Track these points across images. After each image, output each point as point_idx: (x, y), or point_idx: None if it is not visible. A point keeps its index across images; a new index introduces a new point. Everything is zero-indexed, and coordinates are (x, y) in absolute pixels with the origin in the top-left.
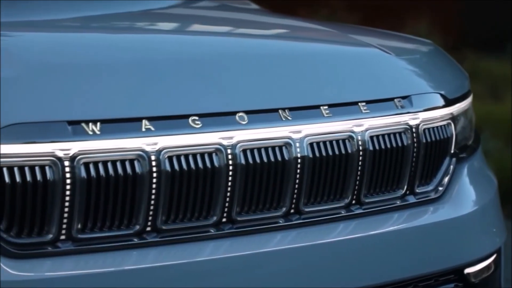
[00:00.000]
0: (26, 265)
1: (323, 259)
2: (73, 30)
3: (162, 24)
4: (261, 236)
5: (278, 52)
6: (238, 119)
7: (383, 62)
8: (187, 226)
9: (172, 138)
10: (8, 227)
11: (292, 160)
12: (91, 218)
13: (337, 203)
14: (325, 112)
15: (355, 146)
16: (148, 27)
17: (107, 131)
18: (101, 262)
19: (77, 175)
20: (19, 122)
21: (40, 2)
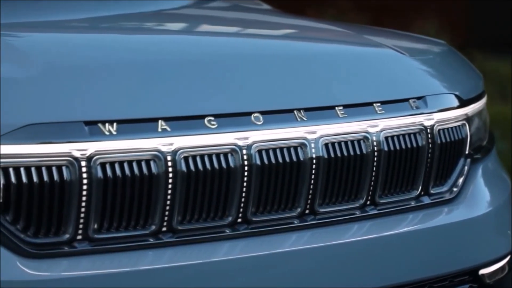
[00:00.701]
0: (43, 265)
1: (338, 260)
2: (87, 30)
3: (176, 24)
4: (276, 236)
5: (293, 53)
6: (253, 120)
7: (397, 63)
8: (203, 226)
9: (188, 139)
10: (25, 227)
11: (307, 161)
12: (108, 218)
13: (352, 203)
14: (340, 112)
15: (370, 147)
16: (162, 27)
17: (123, 131)
18: (117, 262)
19: (94, 175)
20: (36, 122)
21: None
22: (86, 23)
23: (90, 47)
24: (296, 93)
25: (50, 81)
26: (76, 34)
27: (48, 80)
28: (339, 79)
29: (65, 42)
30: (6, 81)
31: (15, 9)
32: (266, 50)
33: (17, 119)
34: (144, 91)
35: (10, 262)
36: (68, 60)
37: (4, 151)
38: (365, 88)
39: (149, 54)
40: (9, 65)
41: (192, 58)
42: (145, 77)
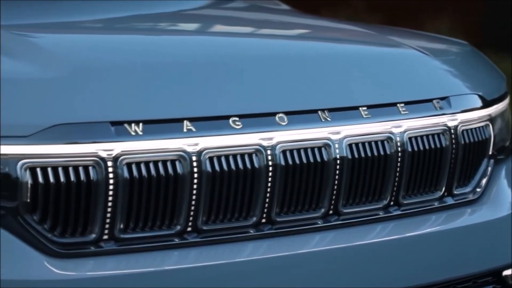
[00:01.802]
0: (70, 265)
1: (361, 260)
2: (111, 31)
3: (197, 25)
4: (300, 237)
5: (317, 54)
6: (278, 120)
7: (421, 63)
8: (227, 226)
9: (213, 139)
10: (52, 226)
11: (331, 161)
12: (133, 218)
13: (375, 204)
14: (364, 113)
15: (393, 147)
16: (184, 28)
17: (149, 131)
18: (142, 262)
19: (120, 175)
20: (63, 123)
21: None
22: (107, 24)
23: (115, 48)
24: (320, 94)
25: (76, 82)
26: (100, 35)
27: (75, 80)
28: (363, 79)
29: (90, 43)
30: (33, 82)
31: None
32: (290, 51)
33: (45, 119)
34: (169, 92)
35: (38, 261)
36: (94, 61)
37: (32, 151)
38: (389, 89)
39: (174, 55)
40: (37, 66)
41: (217, 59)
42: (170, 77)
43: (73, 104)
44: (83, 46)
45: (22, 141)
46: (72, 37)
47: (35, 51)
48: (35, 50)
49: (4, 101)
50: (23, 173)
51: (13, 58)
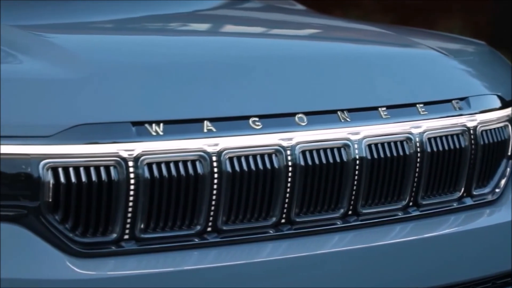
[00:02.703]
0: (90, 264)
1: (380, 261)
2: (130, 32)
3: (215, 26)
4: (319, 237)
5: (336, 54)
6: (297, 120)
7: (440, 64)
8: (247, 226)
9: (233, 139)
10: (74, 226)
11: (351, 162)
12: (154, 218)
13: (394, 205)
14: (383, 113)
15: (413, 148)
16: (202, 29)
17: (169, 132)
18: (162, 262)
19: (141, 175)
20: (84, 123)
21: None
22: (124, 24)
23: (135, 48)
24: (340, 94)
25: (98, 82)
26: (119, 35)
27: (96, 81)
28: (382, 80)
29: (110, 43)
30: (55, 82)
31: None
32: (310, 51)
33: (66, 119)
34: (189, 92)
35: (60, 261)
36: (115, 61)
37: (54, 151)
38: (408, 89)
39: (194, 56)
40: (58, 66)
41: (237, 60)
42: (191, 78)
43: (94, 104)
44: (104, 46)
45: (44, 141)
46: (92, 38)
47: (56, 51)
48: (56, 50)
49: (27, 101)
50: (45, 173)
51: (35, 59)
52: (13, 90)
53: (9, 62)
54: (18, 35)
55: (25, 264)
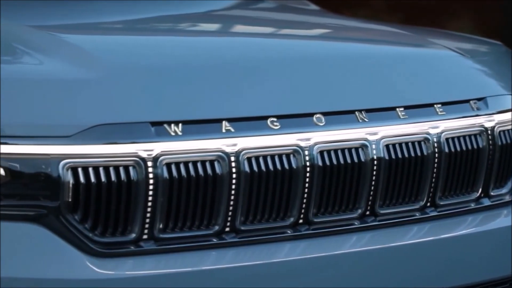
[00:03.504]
0: (109, 264)
1: (398, 261)
2: (146, 32)
3: (231, 26)
4: (336, 237)
5: (354, 54)
6: (315, 121)
7: (457, 64)
8: (265, 227)
9: (251, 139)
10: (93, 226)
11: (368, 162)
12: (172, 218)
13: (412, 205)
14: (401, 114)
15: (430, 148)
16: (219, 29)
17: (188, 132)
18: (181, 261)
19: (160, 175)
20: (103, 123)
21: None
22: (140, 24)
23: (153, 48)
24: (357, 94)
25: (117, 83)
26: (136, 36)
27: (115, 81)
28: (400, 80)
29: (128, 43)
30: (74, 82)
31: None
32: (327, 51)
33: (86, 120)
34: (208, 92)
35: (79, 260)
36: (133, 61)
37: (73, 151)
38: (426, 89)
39: (211, 56)
40: (77, 67)
41: (255, 60)
42: (209, 78)
43: (113, 104)
44: (122, 47)
45: (64, 141)
46: (110, 38)
47: (75, 52)
48: (75, 51)
49: (46, 102)
50: (65, 173)
51: (54, 60)
52: (33, 91)
53: (28, 63)
54: (36, 35)
55: (45, 263)
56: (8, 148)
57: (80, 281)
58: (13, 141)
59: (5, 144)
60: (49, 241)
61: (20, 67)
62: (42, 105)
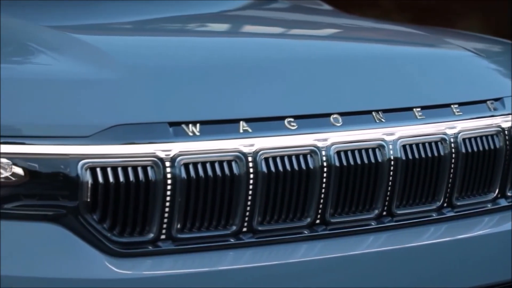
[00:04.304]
0: (127, 264)
1: (415, 262)
2: (162, 32)
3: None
4: (353, 238)
5: (371, 55)
6: (332, 121)
7: (474, 64)
8: (282, 227)
9: (269, 140)
10: (112, 226)
11: (385, 162)
12: (190, 218)
13: (429, 205)
14: (418, 114)
15: (447, 149)
16: (234, 29)
17: (206, 132)
18: (198, 262)
19: (178, 175)
20: (122, 123)
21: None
22: (155, 25)
23: (170, 49)
24: (374, 95)
25: (135, 83)
26: (152, 36)
27: (133, 82)
28: (417, 80)
29: (145, 44)
30: (92, 83)
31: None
32: (344, 52)
33: (104, 120)
34: (226, 93)
35: (98, 260)
36: (151, 62)
37: (92, 151)
38: (443, 90)
39: (229, 57)
40: (96, 67)
41: (272, 61)
42: (227, 79)
43: (132, 105)
44: (139, 47)
45: (83, 141)
46: (126, 38)
47: (94, 53)
48: (93, 52)
49: (66, 102)
50: (83, 173)
51: (72, 60)
52: (51, 91)
53: (47, 63)
54: (54, 36)
55: (64, 263)
56: (27, 148)
57: (99, 281)
58: (32, 141)
59: (22, 144)
60: (68, 241)
61: (39, 67)
62: (61, 105)
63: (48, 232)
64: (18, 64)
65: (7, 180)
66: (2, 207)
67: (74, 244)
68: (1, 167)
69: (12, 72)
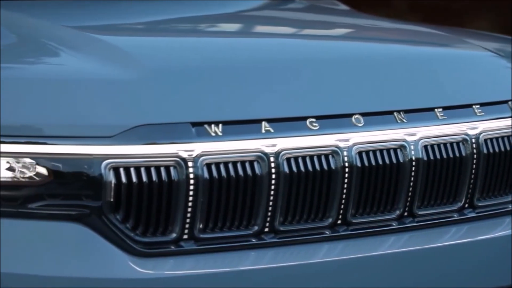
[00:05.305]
0: (150, 264)
1: (435, 263)
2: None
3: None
4: (374, 238)
5: (391, 55)
6: (354, 121)
7: (495, 64)
8: (303, 227)
9: (290, 140)
10: (135, 226)
11: (407, 163)
12: (212, 218)
13: (450, 206)
14: (440, 114)
15: (469, 149)
16: (254, 30)
17: (228, 132)
18: (220, 262)
19: (200, 175)
20: (145, 123)
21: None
22: (173, 25)
23: (192, 49)
24: (396, 95)
25: (158, 84)
26: (173, 37)
27: (156, 82)
28: (438, 81)
29: (167, 44)
30: (116, 83)
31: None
32: (365, 52)
33: (128, 120)
34: (248, 93)
35: (122, 260)
36: (174, 62)
37: (115, 151)
38: (464, 90)
39: (252, 57)
40: (119, 68)
41: (294, 61)
42: (249, 79)
43: (155, 105)
44: (160, 47)
45: (107, 141)
46: (147, 39)
47: (116, 53)
48: (116, 52)
49: (89, 102)
50: (107, 173)
51: (95, 60)
52: (76, 92)
53: (70, 64)
54: (76, 36)
55: (88, 262)
56: (51, 148)
57: (122, 281)
58: (56, 141)
59: (44, 144)
60: (92, 241)
61: (61, 68)
62: (84, 106)
63: (72, 231)
64: (42, 64)
65: (31, 180)
66: (27, 207)
67: (98, 244)
68: (25, 167)
69: (36, 73)
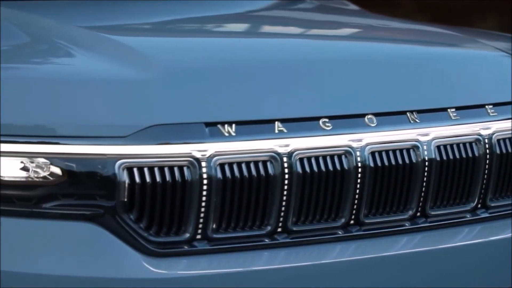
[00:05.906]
0: (163, 264)
1: (448, 263)
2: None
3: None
4: (387, 239)
5: (404, 55)
6: (367, 122)
7: (508, 65)
8: (316, 227)
9: (303, 140)
10: (148, 226)
11: (420, 163)
12: (225, 218)
13: (463, 206)
14: (453, 114)
15: (482, 149)
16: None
17: (241, 132)
18: (233, 262)
19: (213, 176)
20: (158, 123)
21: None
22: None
23: (204, 49)
24: (409, 95)
25: (171, 84)
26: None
27: (170, 82)
28: (451, 81)
29: (180, 44)
30: (129, 83)
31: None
32: (377, 52)
33: (141, 120)
34: (261, 93)
35: (136, 260)
36: (187, 62)
37: (129, 151)
38: (477, 90)
39: (265, 57)
40: (133, 68)
41: (307, 61)
42: (262, 79)
43: (168, 105)
44: (173, 47)
45: (120, 141)
46: (160, 39)
47: (130, 53)
48: (129, 52)
49: (103, 102)
50: (121, 173)
51: (109, 60)
52: (89, 92)
53: (84, 64)
54: (89, 36)
55: (102, 262)
56: (65, 148)
57: (136, 281)
58: (70, 141)
59: (58, 144)
60: (105, 240)
61: (75, 68)
62: (98, 106)
63: (86, 231)
64: (54, 64)
65: (45, 179)
66: (41, 206)
67: (111, 244)
68: (39, 167)
69: (49, 73)
